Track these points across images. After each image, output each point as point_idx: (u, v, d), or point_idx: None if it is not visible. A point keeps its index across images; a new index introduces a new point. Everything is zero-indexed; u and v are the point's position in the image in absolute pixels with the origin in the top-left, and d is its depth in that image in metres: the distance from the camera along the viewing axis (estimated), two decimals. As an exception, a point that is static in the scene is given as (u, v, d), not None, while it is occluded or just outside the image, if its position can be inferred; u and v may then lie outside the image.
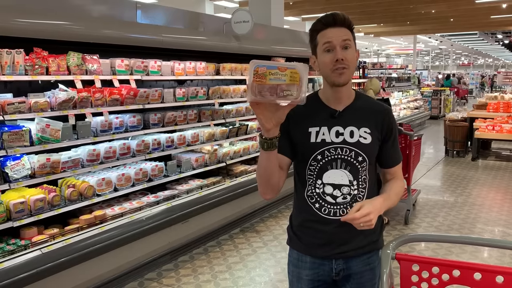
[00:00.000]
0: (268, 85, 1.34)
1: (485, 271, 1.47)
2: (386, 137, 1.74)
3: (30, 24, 3.14)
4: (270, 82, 1.34)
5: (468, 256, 4.32)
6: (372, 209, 1.54)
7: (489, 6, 14.40)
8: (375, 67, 19.84)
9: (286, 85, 1.34)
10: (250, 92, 1.35)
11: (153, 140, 4.17)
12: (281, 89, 1.34)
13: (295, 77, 1.34)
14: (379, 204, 1.60)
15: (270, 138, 1.50)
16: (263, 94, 1.35)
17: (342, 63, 1.60)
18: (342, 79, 1.63)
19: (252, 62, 1.35)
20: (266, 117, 1.44)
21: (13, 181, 3.09)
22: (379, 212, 1.59)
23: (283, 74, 1.34)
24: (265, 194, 1.72)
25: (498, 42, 30.50)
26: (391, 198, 1.72)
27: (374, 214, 1.54)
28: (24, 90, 3.41)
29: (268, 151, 1.54)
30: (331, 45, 1.61)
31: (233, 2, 13.63)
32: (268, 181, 1.66)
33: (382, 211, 1.61)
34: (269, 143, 1.51)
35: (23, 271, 2.92)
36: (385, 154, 1.76)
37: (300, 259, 1.81)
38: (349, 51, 1.61)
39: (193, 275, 3.96)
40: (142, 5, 4.27)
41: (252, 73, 1.34)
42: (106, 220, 3.65)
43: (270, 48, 5.93)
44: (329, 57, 1.61)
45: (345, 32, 1.62)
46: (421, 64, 49.00)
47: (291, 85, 1.34)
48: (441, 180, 7.42)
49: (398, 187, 1.77)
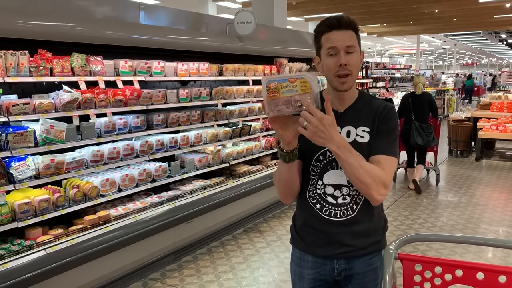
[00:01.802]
0: (283, 99, 1.37)
1: (488, 271, 1.47)
2: (379, 128, 1.67)
3: (35, 25, 3.16)
4: (284, 95, 1.37)
5: (471, 256, 4.31)
6: (325, 124, 1.40)
7: (492, 5, 14.37)
8: (378, 67, 19.79)
9: (299, 95, 1.38)
10: (267, 108, 1.39)
11: (156, 141, 4.18)
12: (295, 100, 1.37)
13: (306, 86, 1.37)
14: (339, 136, 1.48)
15: (292, 150, 1.53)
16: (279, 108, 1.39)
17: (345, 68, 1.60)
18: (345, 86, 1.64)
19: (264, 78, 1.38)
20: (285, 130, 1.47)
21: (18, 182, 3.11)
22: (337, 141, 1.45)
23: (294, 85, 1.37)
24: (287, 200, 1.76)
25: (502, 42, 30.37)
26: (359, 159, 1.53)
27: (322, 129, 1.40)
28: (29, 92, 3.43)
29: (290, 163, 1.57)
30: (335, 49, 1.60)
31: (236, 2, 13.65)
32: (290, 189, 1.70)
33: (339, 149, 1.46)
34: (290, 155, 1.54)
35: (28, 271, 2.94)
36: (376, 143, 1.66)
37: (302, 258, 1.82)
38: (353, 56, 1.61)
39: (197, 275, 3.97)
40: (145, 7, 4.29)
41: (266, 90, 1.37)
42: (110, 221, 3.66)
43: (273, 49, 5.94)
44: (333, 62, 1.61)
45: (349, 35, 1.62)
46: (425, 64, 48.89)
47: (304, 95, 1.38)
48: (444, 180, 7.40)
49: (374, 169, 1.56)
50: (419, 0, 13.19)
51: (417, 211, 5.70)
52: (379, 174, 1.56)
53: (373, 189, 1.55)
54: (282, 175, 1.65)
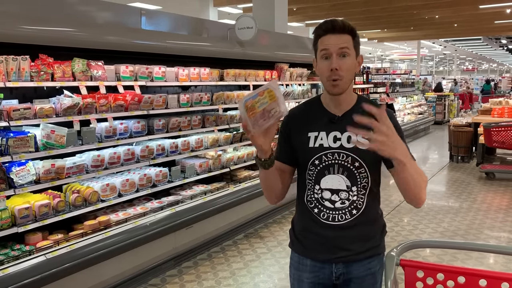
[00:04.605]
0: (259, 113, 1.46)
1: (490, 277, 1.46)
2: None
3: (36, 31, 3.17)
4: (259, 109, 1.46)
5: (473, 262, 4.29)
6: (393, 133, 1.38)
7: (493, 11, 14.39)
8: (379, 72, 19.81)
9: (269, 105, 1.46)
10: (251, 127, 1.46)
11: (157, 146, 4.18)
12: (268, 110, 1.46)
13: (272, 94, 1.47)
14: (405, 147, 1.46)
15: (269, 157, 1.59)
16: (259, 124, 1.47)
17: (336, 73, 1.61)
18: (335, 90, 1.66)
19: (240, 101, 1.46)
20: (263, 141, 1.52)
21: (18, 187, 3.10)
22: (401, 150, 1.42)
23: (263, 97, 1.47)
24: (271, 200, 1.81)
25: (502, 47, 30.43)
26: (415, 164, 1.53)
27: (391, 138, 1.38)
28: (30, 96, 3.43)
29: (270, 168, 1.62)
30: (327, 52, 1.62)
31: (237, 8, 13.69)
32: (272, 190, 1.76)
33: (404, 157, 1.43)
34: (269, 162, 1.60)
35: (27, 276, 2.92)
36: None
37: (300, 262, 1.82)
38: (346, 59, 1.62)
39: (197, 281, 3.96)
40: (146, 12, 4.30)
41: (244, 110, 1.46)
42: (110, 226, 3.65)
43: (273, 54, 5.95)
44: (325, 65, 1.64)
45: (344, 39, 1.62)
46: (425, 69, 48.93)
47: (273, 103, 1.46)
48: (445, 186, 7.38)
49: (419, 171, 1.56)
50: (420, 6, 13.22)
51: (418, 216, 5.69)
52: (423, 175, 1.59)
53: (424, 190, 1.57)
54: (262, 179, 1.73)
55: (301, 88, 6.44)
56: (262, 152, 1.56)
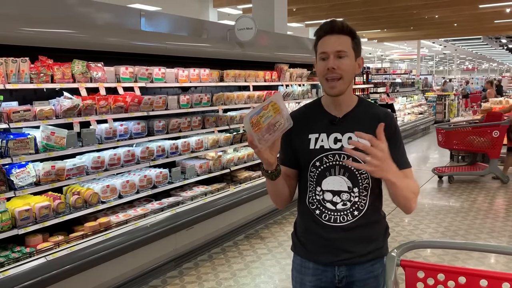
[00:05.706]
0: (264, 128, 1.47)
1: (491, 278, 1.46)
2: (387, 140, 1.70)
3: (36, 32, 3.17)
4: (265, 124, 1.47)
5: (474, 262, 4.29)
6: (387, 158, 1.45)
7: (492, 10, 14.40)
8: (379, 72, 19.81)
9: (274, 118, 1.47)
10: (256, 142, 1.47)
11: (157, 147, 4.18)
12: (272, 124, 1.48)
13: (276, 107, 1.48)
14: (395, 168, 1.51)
15: (276, 168, 1.61)
16: (265, 138, 1.49)
17: (333, 71, 1.61)
18: (333, 91, 1.66)
19: (245, 117, 1.47)
20: (269, 155, 1.54)
21: (18, 189, 3.10)
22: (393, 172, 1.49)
23: (268, 111, 1.48)
24: (279, 206, 1.82)
25: (502, 47, 30.43)
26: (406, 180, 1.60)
27: (385, 163, 1.45)
28: (30, 98, 3.43)
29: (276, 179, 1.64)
30: (325, 54, 1.63)
31: (236, 9, 13.70)
32: (280, 197, 1.76)
33: (396, 178, 1.50)
34: (275, 173, 1.62)
35: (28, 278, 2.92)
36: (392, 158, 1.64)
37: (303, 265, 1.81)
38: (343, 60, 1.62)
39: (198, 282, 3.95)
40: (146, 13, 4.30)
41: (250, 126, 1.47)
42: (111, 227, 3.65)
43: (273, 55, 5.95)
44: (322, 66, 1.64)
45: (342, 40, 1.62)
46: (425, 69, 48.94)
47: (277, 116, 1.48)
48: (446, 186, 7.38)
49: (411, 183, 1.64)
50: (420, 6, 13.22)
51: (419, 217, 5.68)
52: (415, 186, 1.65)
53: (413, 201, 1.63)
54: (269, 188, 1.74)
55: (301, 88, 6.44)
56: (268, 165, 1.58)
